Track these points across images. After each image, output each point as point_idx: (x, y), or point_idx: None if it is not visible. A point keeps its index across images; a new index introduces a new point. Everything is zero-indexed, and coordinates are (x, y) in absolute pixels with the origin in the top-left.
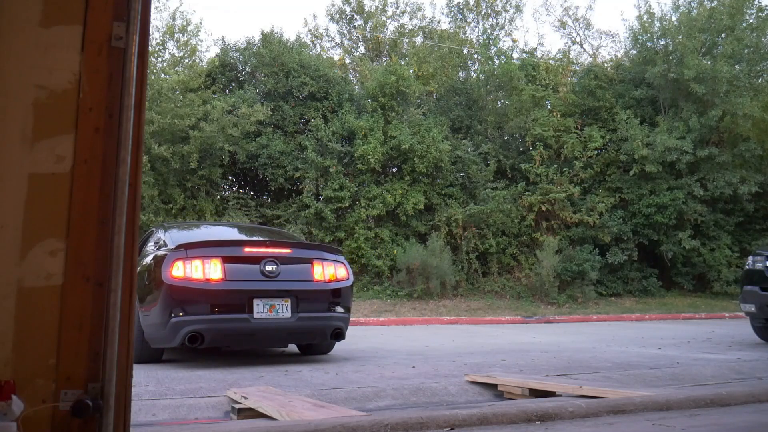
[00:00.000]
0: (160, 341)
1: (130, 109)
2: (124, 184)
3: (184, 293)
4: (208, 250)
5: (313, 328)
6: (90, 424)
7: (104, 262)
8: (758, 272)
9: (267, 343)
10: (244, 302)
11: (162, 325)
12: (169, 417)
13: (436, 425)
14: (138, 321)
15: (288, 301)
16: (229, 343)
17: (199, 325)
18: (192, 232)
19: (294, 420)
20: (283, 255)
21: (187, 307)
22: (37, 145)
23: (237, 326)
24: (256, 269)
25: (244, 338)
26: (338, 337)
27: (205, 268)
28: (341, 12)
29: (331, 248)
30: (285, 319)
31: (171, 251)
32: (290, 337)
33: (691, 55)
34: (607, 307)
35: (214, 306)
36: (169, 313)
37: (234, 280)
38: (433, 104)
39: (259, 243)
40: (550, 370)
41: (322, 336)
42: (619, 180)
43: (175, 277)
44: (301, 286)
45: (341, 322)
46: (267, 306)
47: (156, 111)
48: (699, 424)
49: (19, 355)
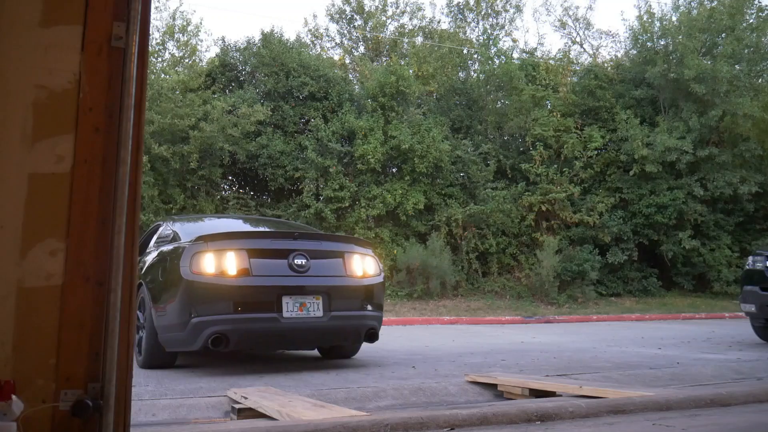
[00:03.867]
0: (178, 344)
1: (130, 109)
2: (124, 184)
3: (207, 290)
4: (232, 243)
5: (346, 329)
6: (90, 424)
7: (104, 262)
8: (758, 272)
9: (296, 345)
10: (272, 300)
11: (180, 325)
12: (169, 417)
13: (436, 425)
14: (151, 322)
15: (319, 298)
16: (255, 345)
17: (224, 326)
18: (204, 223)
19: (294, 420)
20: (313, 248)
21: (209, 305)
22: (37, 145)
23: (265, 327)
24: (284, 263)
25: (272, 340)
26: (372, 338)
27: (228, 262)
28: (341, 12)
29: (362, 241)
30: (316, 319)
31: (190, 244)
32: (321, 339)
33: (691, 55)
34: (607, 307)
35: (239, 304)
36: (189, 313)
37: (261, 275)
38: (433, 104)
39: (287, 234)
40: (550, 370)
41: (355, 337)
42: (619, 180)
43: (195, 272)
44: (332, 282)
45: (375, 321)
46: (297, 304)
47: (156, 111)
48: (699, 424)
49: (19, 355)
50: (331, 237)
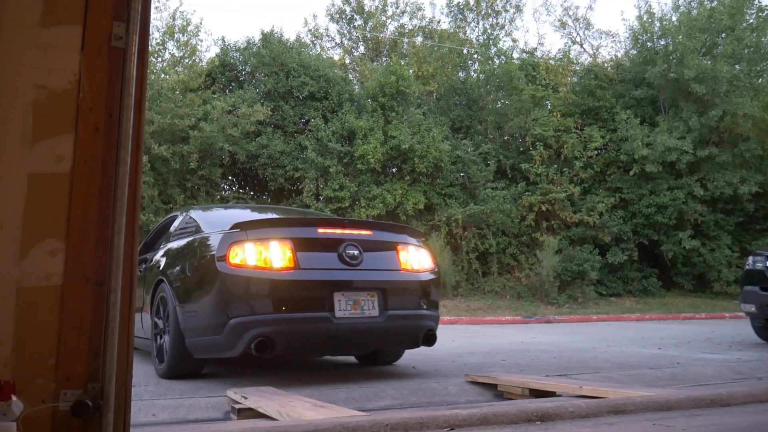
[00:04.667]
0: (212, 349)
1: (130, 109)
2: (124, 184)
3: (248, 285)
4: (275, 231)
5: (403, 330)
6: (90, 424)
7: (104, 262)
8: (758, 272)
9: (349, 350)
10: (323, 297)
11: (216, 327)
12: (169, 417)
13: (436, 425)
14: (176, 324)
15: (374, 296)
16: (304, 350)
17: (269, 327)
18: (229, 212)
19: (294, 420)
20: (364, 238)
21: (251, 303)
22: (37, 145)
23: (316, 328)
24: (334, 255)
25: (323, 344)
26: (430, 340)
27: (273, 253)
28: (341, 12)
29: (416, 231)
30: (372, 319)
31: (226, 232)
32: (376, 342)
33: (691, 55)
34: (607, 307)
35: (285, 302)
36: (227, 312)
37: (309, 268)
38: (433, 104)
39: (336, 222)
40: (550, 370)
41: (412, 339)
42: (619, 180)
43: (234, 264)
44: (388, 276)
45: (433, 322)
46: (350, 302)
47: (156, 111)
48: (699, 424)
49: (19, 355)
50: (383, 225)
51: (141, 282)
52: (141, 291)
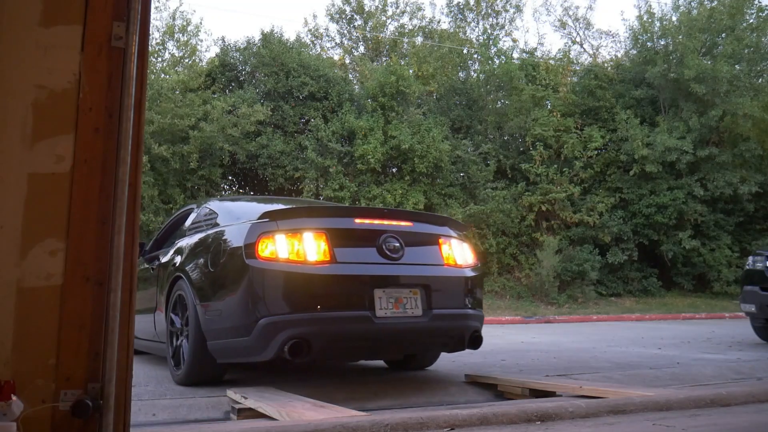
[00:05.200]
0: (239, 352)
1: (130, 109)
2: (124, 184)
3: (281, 281)
4: (308, 221)
5: (448, 331)
6: (90, 424)
7: (104, 262)
8: (758, 272)
9: (390, 353)
10: (363, 294)
11: (244, 328)
12: (169, 417)
13: (436, 425)
14: (196, 325)
15: (417, 293)
16: (343, 353)
17: (304, 328)
18: (253, 204)
19: (294, 420)
20: (405, 229)
21: (285, 301)
22: (37, 145)
23: (356, 329)
24: (373, 248)
25: (363, 346)
26: (476, 342)
27: (307, 245)
28: (341, 12)
29: (457, 223)
30: (415, 319)
31: (254, 222)
32: (419, 344)
33: (691, 55)
34: (607, 307)
35: (322, 299)
36: (257, 311)
37: (347, 262)
38: (433, 104)
39: (374, 212)
40: (550, 370)
41: (458, 341)
42: (619, 180)
43: (264, 257)
44: (431, 272)
45: (478, 322)
46: (392, 300)
47: (156, 111)
48: (699, 424)
49: (19, 355)
50: (423, 216)
51: (153, 281)
52: (154, 290)
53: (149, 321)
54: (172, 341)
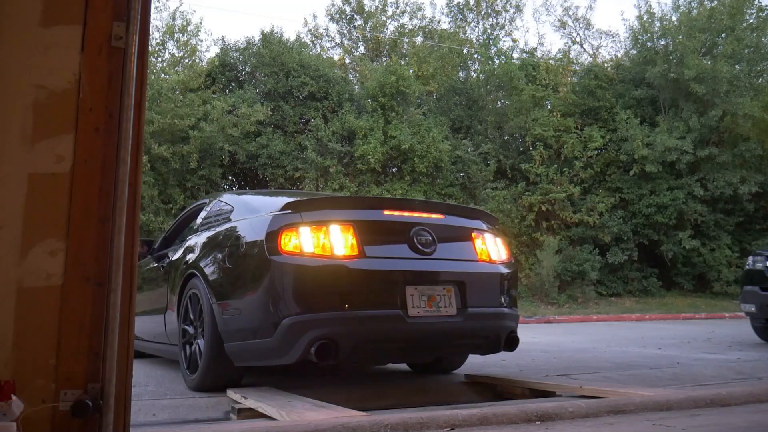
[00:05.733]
0: (260, 355)
1: (130, 109)
2: (124, 184)
3: (307, 276)
4: (334, 213)
5: (484, 332)
6: (90, 424)
7: (104, 262)
8: (758, 272)
9: (421, 355)
10: (395, 291)
11: (266, 329)
12: (169, 417)
13: (436, 425)
14: (212, 325)
15: (450, 290)
16: (372, 355)
17: (332, 328)
18: (271, 198)
19: (294, 420)
20: (436, 222)
21: (310, 298)
22: (37, 145)
23: (388, 329)
24: (404, 242)
25: (395, 348)
26: (513, 343)
27: (334, 238)
28: (341, 12)
29: (490, 216)
30: (449, 318)
31: (275, 214)
32: (453, 345)
33: (691, 55)
34: (607, 307)
35: (350, 297)
36: (280, 310)
37: (376, 257)
38: (433, 104)
39: (404, 204)
40: (550, 370)
41: (493, 343)
42: (619, 180)
43: (287, 251)
44: (465, 268)
45: (515, 322)
46: (425, 298)
47: (156, 111)
48: (699, 424)
49: (19, 355)
50: (454, 208)
51: (163, 280)
52: (164, 289)
53: (159, 322)
54: (186, 344)
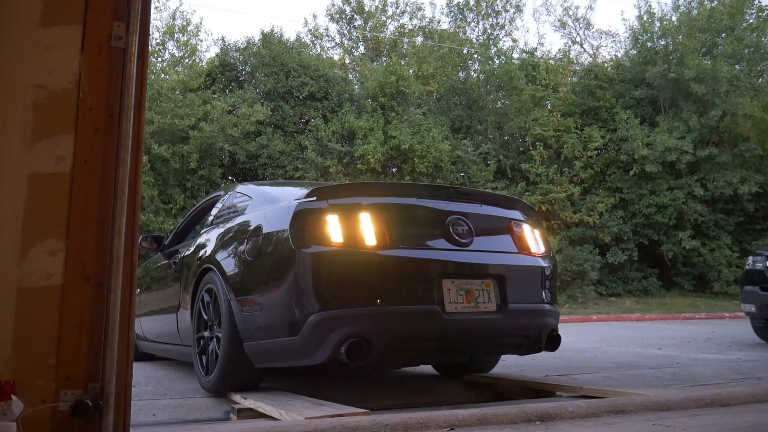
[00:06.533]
0: (284, 355)
1: (130, 109)
2: (124, 184)
3: (334, 269)
4: (364, 200)
5: (525, 330)
6: (90, 424)
7: (104, 262)
8: (758, 272)
9: (458, 355)
10: (430, 285)
11: (291, 326)
12: (169, 417)
13: (436, 425)
14: (231, 324)
15: (489, 285)
16: (406, 355)
17: (364, 325)
18: (291, 188)
19: (294, 420)
20: (472, 211)
21: (340, 292)
22: (37, 145)
23: (424, 326)
24: (438, 232)
25: (431, 347)
26: (554, 343)
27: (365, 227)
28: (341, 12)
29: (527, 206)
30: (489, 315)
31: (301, 202)
32: (491, 344)
33: (691, 55)
34: (607, 307)
35: (382, 291)
36: (306, 306)
37: (410, 247)
38: (433, 104)
39: (438, 191)
40: (550, 370)
41: (534, 341)
42: (619, 180)
43: (314, 240)
44: (505, 260)
45: (556, 320)
46: (462, 292)
47: (156, 111)
48: (699, 424)
49: (19, 355)
50: (490, 197)
51: (174, 277)
52: (176, 287)
53: (171, 322)
54: (200, 343)
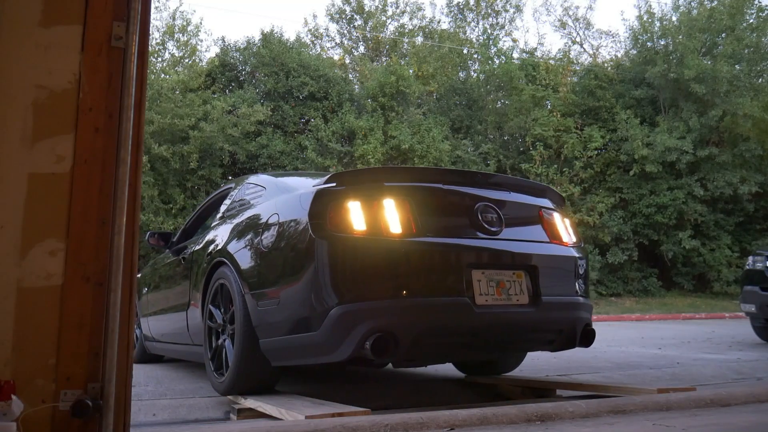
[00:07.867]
0: (303, 352)
1: (130, 109)
2: (124, 184)
3: (356, 259)
4: (387, 186)
5: (559, 324)
6: (90, 424)
7: (104, 262)
8: (758, 272)
9: (489, 350)
10: (459, 275)
11: (310, 321)
12: (169, 417)
13: (436, 425)
14: (245, 320)
15: (521, 276)
16: (436, 350)
17: (389, 319)
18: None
19: (294, 420)
20: (501, 198)
21: (363, 284)
22: (37, 145)
23: (454, 319)
24: (466, 220)
25: (461, 342)
26: (589, 338)
27: (386, 214)
28: (341, 12)
29: (557, 194)
30: (521, 308)
31: (320, 188)
32: (523, 340)
33: (691, 55)
34: (607, 307)
35: (407, 282)
36: (327, 298)
37: (436, 236)
38: (433, 104)
39: (466, 176)
40: (550, 369)
41: (568, 337)
42: (619, 180)
43: (334, 229)
44: (537, 250)
45: (589, 313)
46: (493, 283)
47: (156, 111)
48: (699, 424)
49: (19, 355)
50: (519, 184)
51: (183, 274)
52: (185, 285)
53: (181, 320)
54: (212, 342)
